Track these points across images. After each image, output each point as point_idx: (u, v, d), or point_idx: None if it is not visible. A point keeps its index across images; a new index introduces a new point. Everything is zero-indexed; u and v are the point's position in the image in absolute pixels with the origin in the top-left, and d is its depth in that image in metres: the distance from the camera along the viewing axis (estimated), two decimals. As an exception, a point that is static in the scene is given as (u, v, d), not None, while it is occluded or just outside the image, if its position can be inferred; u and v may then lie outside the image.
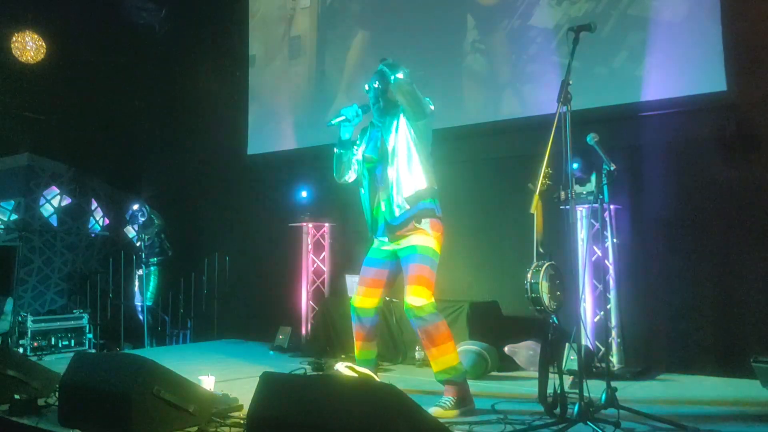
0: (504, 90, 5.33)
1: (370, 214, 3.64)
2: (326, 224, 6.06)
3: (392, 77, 3.46)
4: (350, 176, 3.74)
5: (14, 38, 6.94)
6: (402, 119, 3.57)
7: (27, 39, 6.99)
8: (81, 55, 7.50)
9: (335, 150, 3.65)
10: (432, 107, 3.57)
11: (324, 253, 6.08)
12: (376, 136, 3.66)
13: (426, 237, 3.49)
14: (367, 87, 3.70)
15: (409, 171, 3.49)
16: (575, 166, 3.87)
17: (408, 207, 3.47)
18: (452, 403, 3.30)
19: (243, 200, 6.99)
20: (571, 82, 3.03)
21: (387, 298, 5.30)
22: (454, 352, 3.42)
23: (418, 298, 3.40)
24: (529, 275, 3.02)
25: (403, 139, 3.53)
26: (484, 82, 5.45)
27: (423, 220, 3.49)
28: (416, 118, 3.52)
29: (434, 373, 3.44)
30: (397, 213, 3.48)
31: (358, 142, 3.74)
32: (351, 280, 5.57)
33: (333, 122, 3.60)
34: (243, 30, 7.11)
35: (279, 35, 6.81)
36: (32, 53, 7.05)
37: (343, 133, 3.61)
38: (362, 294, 3.67)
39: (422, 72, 5.78)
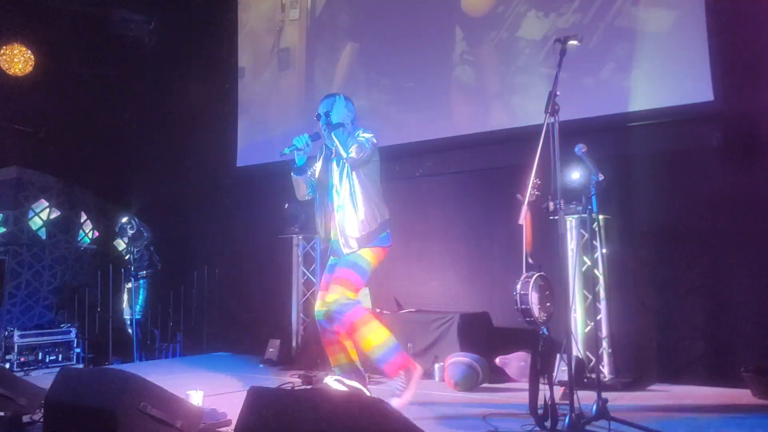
0: (492, 101, 5.35)
1: (325, 234, 3.93)
2: (316, 236, 6.04)
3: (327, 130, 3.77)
4: (309, 195, 4.01)
5: (2, 51, 6.91)
6: None
7: (15, 51, 6.96)
8: (70, 67, 7.48)
9: (292, 174, 3.91)
10: (371, 144, 3.77)
11: (314, 265, 6.05)
12: (328, 159, 3.91)
13: (368, 253, 3.73)
14: (317, 115, 3.93)
15: (355, 210, 3.74)
16: (575, 176, 3.88)
17: (356, 247, 3.71)
18: (403, 383, 3.45)
19: (232, 212, 6.97)
20: (558, 93, 3.04)
21: (377, 310, 5.32)
22: (380, 329, 3.57)
23: (334, 294, 3.61)
24: (518, 286, 3.02)
25: (349, 177, 3.78)
26: (472, 94, 5.47)
27: (367, 249, 3.73)
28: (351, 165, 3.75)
29: (372, 360, 3.57)
30: (345, 251, 3.74)
31: (317, 156, 4.00)
32: (341, 292, 5.55)
33: (286, 152, 3.84)
34: (232, 42, 7.11)
35: (268, 47, 6.82)
36: (20, 66, 7.02)
37: (298, 161, 3.88)
38: (321, 299, 3.85)
39: (411, 83, 5.82)
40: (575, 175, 3.92)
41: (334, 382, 3.54)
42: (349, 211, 3.74)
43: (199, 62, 7.35)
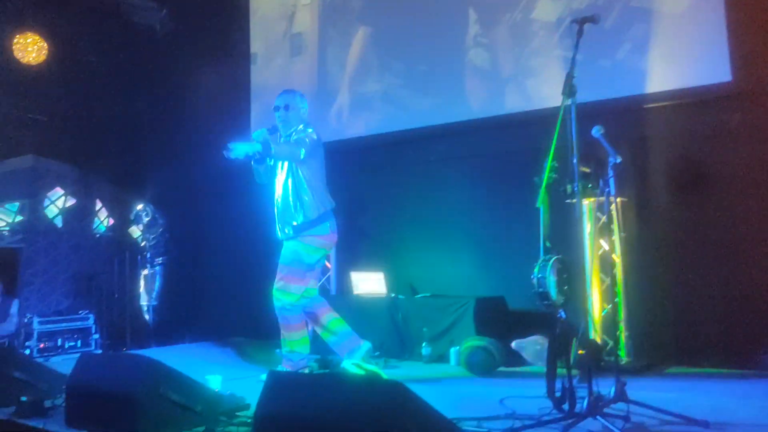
0: (507, 84, 5.31)
1: (275, 218, 4.29)
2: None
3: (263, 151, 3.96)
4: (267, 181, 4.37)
5: (16, 40, 6.93)
6: None
7: (29, 40, 6.98)
8: (83, 55, 7.49)
9: (252, 164, 4.24)
10: (309, 139, 4.12)
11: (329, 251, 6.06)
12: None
13: (304, 246, 4.11)
14: (275, 107, 4.29)
15: (294, 200, 4.11)
16: (586, 170, 3.83)
17: (294, 232, 4.12)
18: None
19: (247, 198, 6.97)
20: (575, 74, 3.00)
21: (393, 295, 5.33)
22: (304, 339, 4.15)
23: (280, 292, 4.06)
24: (536, 270, 3.00)
25: (290, 170, 4.15)
26: (486, 77, 5.42)
27: (306, 238, 4.11)
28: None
29: (283, 351, 4.15)
30: (282, 234, 4.18)
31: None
32: (356, 277, 5.57)
33: (245, 144, 4.02)
34: (244, 28, 7.09)
35: (280, 33, 6.80)
36: (34, 55, 7.04)
37: (249, 148, 4.09)
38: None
39: (424, 67, 5.78)
40: (585, 169, 3.87)
41: (351, 366, 3.55)
42: (288, 201, 4.13)
43: (211, 49, 7.33)
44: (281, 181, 4.24)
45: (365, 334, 5.16)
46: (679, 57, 4.51)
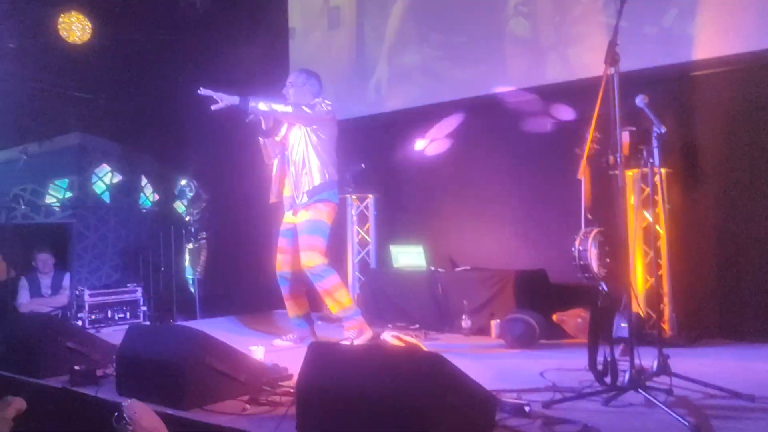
0: (548, 53, 5.20)
1: (276, 193, 4.55)
2: (370, 195, 6.07)
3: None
4: (275, 159, 4.57)
5: (61, 20, 7.06)
6: None
7: (73, 20, 7.11)
8: (126, 34, 7.59)
9: (259, 138, 4.52)
10: (317, 108, 4.33)
11: (368, 225, 6.09)
12: (291, 124, 4.42)
13: (319, 212, 4.29)
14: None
15: (313, 165, 4.29)
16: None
17: (306, 199, 4.29)
18: (352, 337, 4.14)
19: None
20: (618, 42, 2.92)
21: (432, 268, 5.34)
22: (347, 297, 4.34)
23: (308, 261, 4.23)
24: (577, 242, 2.96)
25: (308, 135, 4.31)
26: (527, 46, 5.32)
27: (319, 204, 4.29)
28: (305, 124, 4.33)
29: (337, 317, 4.36)
30: (297, 201, 4.34)
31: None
32: (396, 251, 5.59)
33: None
34: (282, 3, 7.08)
35: (318, 6, 6.77)
36: (79, 34, 7.17)
37: (264, 125, 4.46)
38: (277, 260, 4.56)
39: (463, 38, 5.70)
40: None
41: (391, 338, 3.59)
42: (301, 167, 4.30)
43: (250, 24, 7.35)
44: (293, 151, 4.38)
45: (405, 307, 5.23)
46: (728, 22, 4.34)
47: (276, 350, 4.14)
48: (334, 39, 6.64)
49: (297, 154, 4.36)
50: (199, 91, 4.14)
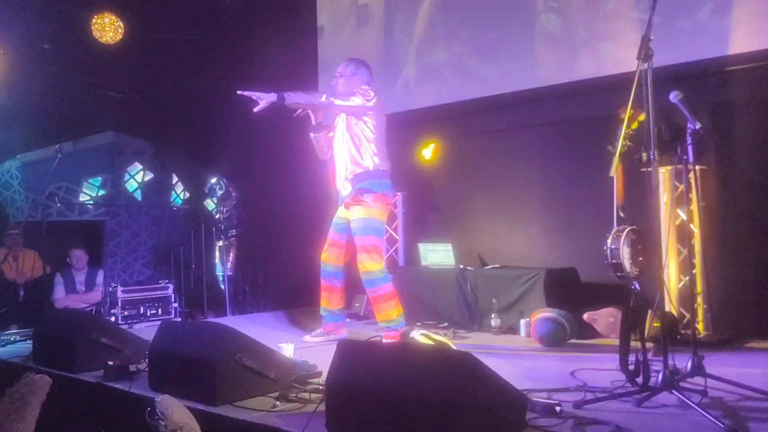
0: (579, 49, 5.13)
1: (334, 183, 4.41)
2: (399, 193, 6.06)
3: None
4: (328, 154, 4.47)
5: (94, 20, 7.18)
6: None
7: (106, 21, 7.22)
8: (157, 34, 7.70)
9: (311, 134, 4.45)
10: (361, 98, 4.20)
11: (397, 222, 6.09)
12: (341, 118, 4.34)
13: (369, 209, 4.17)
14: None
15: (355, 154, 4.22)
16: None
17: (349, 188, 4.22)
18: None
19: (316, 170, 7.06)
20: (652, 37, 2.87)
21: (461, 266, 5.31)
22: (397, 307, 4.22)
23: (364, 264, 4.14)
24: (609, 240, 2.92)
25: (351, 125, 4.24)
26: (558, 42, 5.26)
27: (365, 196, 4.17)
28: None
29: (380, 323, 4.28)
30: (344, 190, 4.27)
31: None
32: (424, 249, 5.58)
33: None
34: (311, 1, 7.10)
35: (346, 4, 6.78)
36: (111, 34, 7.28)
37: (313, 119, 4.41)
38: (325, 251, 4.47)
39: (494, 34, 5.65)
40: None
41: (420, 336, 3.58)
42: (346, 158, 4.24)
43: (279, 23, 7.38)
44: (339, 144, 4.32)
45: (434, 305, 5.21)
46: (764, 16, 4.24)
47: (305, 347, 4.16)
48: (362, 37, 6.64)
49: (341, 143, 4.30)
50: (238, 93, 4.10)
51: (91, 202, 7.79)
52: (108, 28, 7.27)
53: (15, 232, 6.49)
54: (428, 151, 5.92)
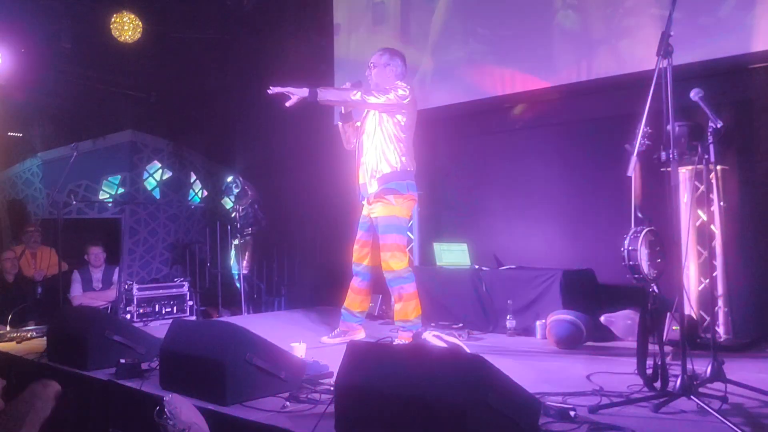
0: (598, 47, 5.06)
1: (357, 177, 4.31)
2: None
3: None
4: (354, 144, 4.39)
5: (113, 19, 7.23)
6: None
7: (125, 20, 7.26)
8: (175, 33, 7.74)
9: (338, 123, 4.39)
10: (394, 93, 4.09)
11: (412, 221, 6.05)
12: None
13: (391, 207, 4.11)
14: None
15: (386, 151, 4.12)
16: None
17: (376, 186, 4.13)
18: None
19: (331, 169, 7.05)
20: (672, 33, 2.80)
21: (476, 266, 5.26)
22: (417, 308, 4.16)
23: (388, 262, 4.09)
24: (626, 241, 2.86)
25: (383, 122, 4.13)
26: (575, 40, 5.19)
27: (389, 196, 4.11)
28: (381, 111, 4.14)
29: (396, 323, 4.22)
30: (369, 188, 4.17)
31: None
32: (439, 248, 5.53)
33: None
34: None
35: (363, 2, 6.75)
36: (130, 33, 7.33)
37: (343, 109, 4.32)
38: (355, 251, 4.42)
39: (511, 31, 5.59)
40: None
41: (433, 338, 3.54)
42: (374, 154, 4.14)
43: (295, 21, 7.39)
44: (368, 137, 4.23)
45: (449, 305, 5.16)
46: (790, 11, 4.14)
47: (318, 347, 4.14)
48: (378, 35, 6.60)
49: (371, 140, 4.19)
50: (268, 91, 4.03)
51: (110, 200, 7.85)
52: (127, 27, 7.32)
53: (32, 230, 6.55)
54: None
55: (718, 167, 3.95)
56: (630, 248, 2.84)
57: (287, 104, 4.07)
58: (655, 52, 2.81)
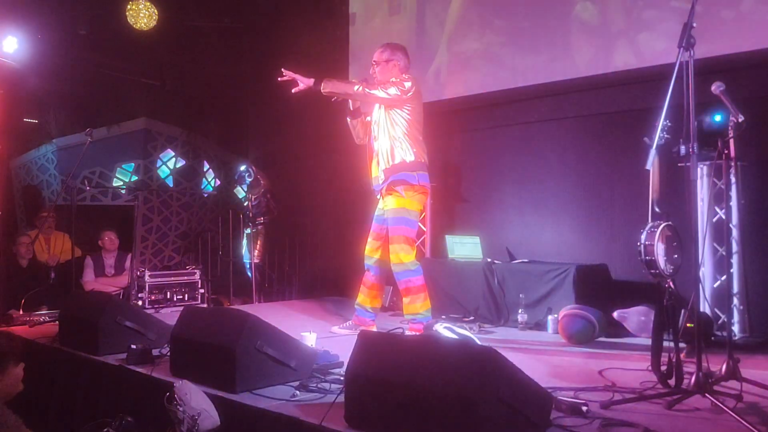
0: (616, 39, 4.99)
1: (370, 171, 4.35)
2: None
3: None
4: (365, 139, 4.43)
5: (129, 7, 7.23)
6: None
7: (140, 7, 7.26)
8: (190, 21, 7.73)
9: (348, 119, 4.41)
10: (398, 86, 4.11)
11: (424, 214, 6.01)
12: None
13: (401, 199, 4.12)
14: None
15: (394, 144, 4.15)
16: (717, 118, 3.55)
17: (387, 177, 4.14)
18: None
19: (344, 160, 7.02)
20: (694, 24, 2.74)
21: (488, 259, 5.22)
22: (426, 301, 4.15)
23: (398, 254, 4.08)
24: (643, 236, 2.81)
25: (391, 115, 4.17)
26: (594, 32, 5.12)
27: (399, 187, 4.12)
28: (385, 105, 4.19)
29: (405, 316, 4.20)
30: (380, 180, 4.21)
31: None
32: (452, 241, 5.50)
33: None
34: (343, -11, 7.06)
35: (379, -8, 6.70)
36: (146, 21, 7.32)
37: (351, 104, 4.36)
38: (368, 243, 4.41)
39: (528, 23, 5.53)
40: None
41: (444, 330, 3.52)
42: (383, 147, 4.18)
43: (311, 11, 7.35)
44: (377, 130, 4.27)
45: (460, 298, 5.14)
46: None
47: (329, 337, 4.13)
48: (394, 25, 6.56)
49: (379, 133, 4.23)
50: (281, 74, 4.10)
51: (124, 187, 7.87)
52: (143, 15, 7.31)
53: (46, 215, 6.59)
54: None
55: (738, 163, 3.89)
56: (647, 243, 2.80)
57: (293, 90, 4.16)
58: (677, 44, 2.75)
